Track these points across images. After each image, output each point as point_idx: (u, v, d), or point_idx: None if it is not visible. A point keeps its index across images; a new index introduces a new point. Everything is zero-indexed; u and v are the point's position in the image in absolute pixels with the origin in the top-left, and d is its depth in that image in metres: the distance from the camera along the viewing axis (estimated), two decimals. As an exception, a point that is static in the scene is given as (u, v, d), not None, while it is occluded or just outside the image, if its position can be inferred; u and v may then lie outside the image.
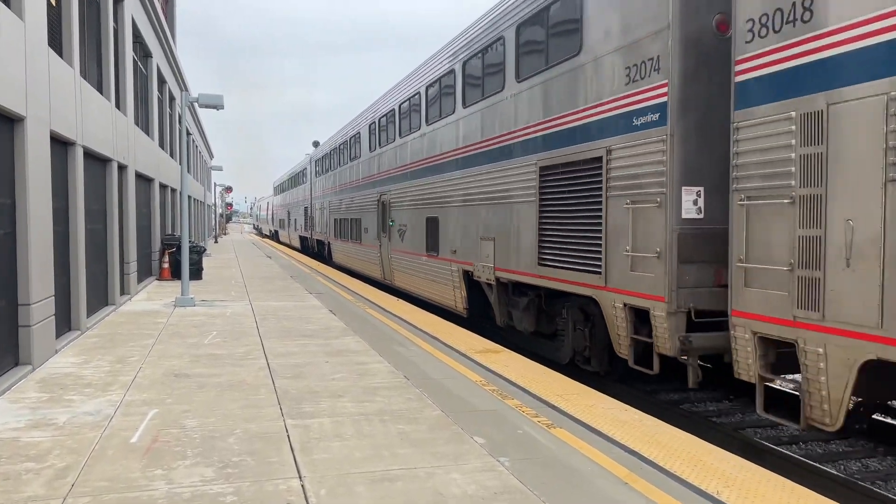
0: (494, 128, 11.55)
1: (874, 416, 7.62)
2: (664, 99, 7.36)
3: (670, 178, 7.29)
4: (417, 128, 15.79)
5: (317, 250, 33.73)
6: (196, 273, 19.85)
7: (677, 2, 7.23)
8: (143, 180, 18.73)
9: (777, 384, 8.72)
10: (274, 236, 62.93)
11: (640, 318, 7.92)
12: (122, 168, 14.82)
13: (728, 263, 6.62)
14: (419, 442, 5.61)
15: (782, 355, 6.28)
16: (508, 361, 8.89)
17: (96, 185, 12.45)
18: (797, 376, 6.12)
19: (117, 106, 14.33)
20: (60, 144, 9.82)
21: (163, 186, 22.55)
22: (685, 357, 7.17)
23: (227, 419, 6.19)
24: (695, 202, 7.29)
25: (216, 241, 52.09)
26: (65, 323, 10.04)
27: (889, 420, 7.58)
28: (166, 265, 20.22)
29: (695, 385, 7.29)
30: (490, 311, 12.13)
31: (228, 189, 73.87)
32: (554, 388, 7.50)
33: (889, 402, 7.62)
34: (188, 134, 34.54)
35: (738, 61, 6.45)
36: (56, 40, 9.69)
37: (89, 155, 11.70)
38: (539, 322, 10.73)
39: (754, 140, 6.26)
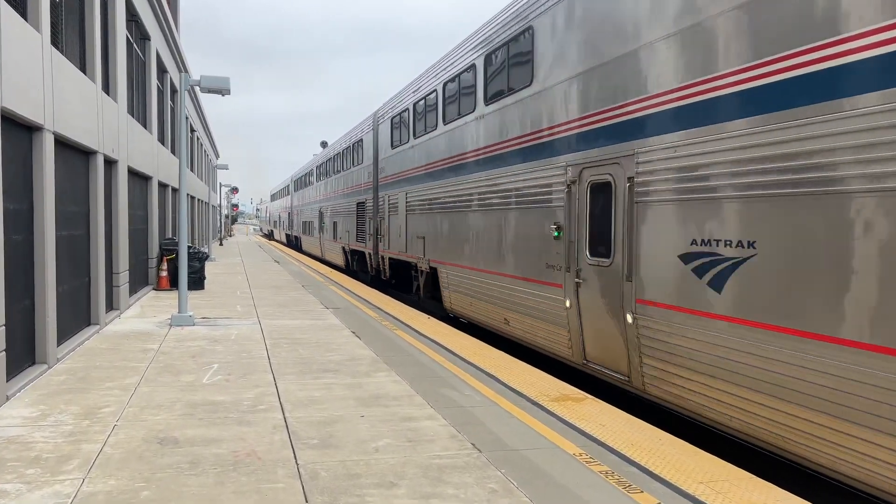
0: (350, 182, 24.90)
1: None
2: (372, 186, 20.59)
3: (374, 211, 20.03)
4: (331, 174, 30.00)
5: (294, 243, 49.68)
6: (197, 282, 17.77)
7: (373, 153, 20.44)
8: (139, 178, 16.65)
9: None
10: (269, 235, 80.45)
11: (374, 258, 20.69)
12: (110, 163, 12.72)
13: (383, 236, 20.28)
14: None
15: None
16: (601, 416, 6.73)
17: (76, 183, 10.35)
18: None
19: (105, 90, 12.24)
20: (21, 128, 7.72)
21: (162, 185, 20.48)
22: (381, 269, 19.52)
23: (230, 535, 4.05)
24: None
25: (221, 244, 50.06)
26: (26, 356, 7.92)
27: None
28: (164, 273, 18.13)
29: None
30: (350, 265, 25.84)
31: (234, 190, 71.82)
32: (688, 468, 5.34)
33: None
34: (192, 131, 32.50)
35: (380, 179, 19.55)
36: (16, -6, 7.60)
37: (65, 145, 9.61)
38: (362, 266, 23.27)
39: (382, 200, 19.04)
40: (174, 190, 23.15)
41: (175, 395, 7.30)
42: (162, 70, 20.89)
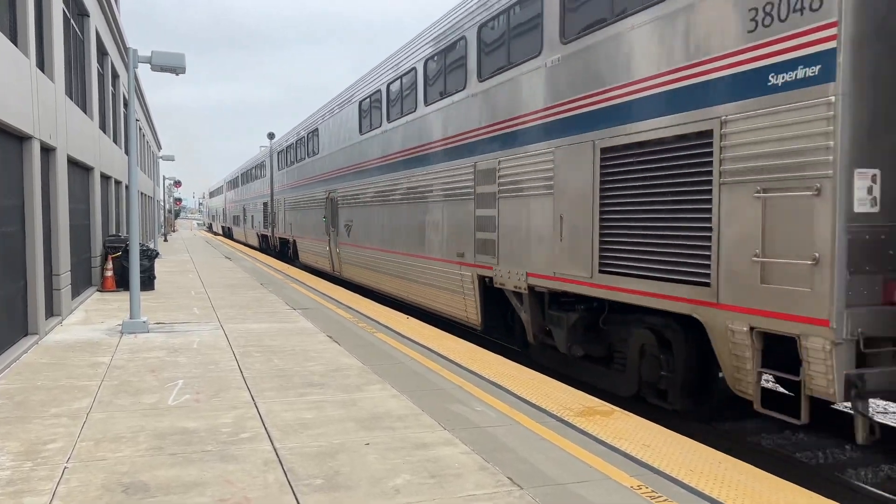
0: (259, 189, 37.01)
1: None
2: (269, 192, 32.60)
3: (271, 208, 32.64)
4: (249, 182, 41.18)
5: (227, 233, 60.06)
6: (147, 282, 16.31)
7: (270, 171, 32.76)
8: (80, 169, 15.09)
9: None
10: (209, 227, 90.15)
11: (272, 238, 32.83)
12: (48, 150, 11.27)
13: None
14: None
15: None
16: (639, 434, 5.88)
17: (8, 172, 8.95)
18: None
19: (41, 67, 10.79)
20: (-61, 104, 6.38)
21: (105, 177, 18.82)
22: (275, 245, 32.83)
23: None
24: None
25: (166, 240, 47.78)
26: (-51, 378, 6.60)
27: None
28: (110, 273, 16.59)
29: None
30: (260, 244, 37.82)
31: (177, 183, 69.11)
32: (769, 500, 4.52)
33: None
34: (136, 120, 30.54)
35: (274, 188, 32.01)
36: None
37: (-6, 127, 8.22)
38: (266, 245, 34.20)
39: (275, 202, 32.12)
40: (117, 182, 21.44)
41: (137, 422, 6.13)
42: (102, 52, 19.20)
